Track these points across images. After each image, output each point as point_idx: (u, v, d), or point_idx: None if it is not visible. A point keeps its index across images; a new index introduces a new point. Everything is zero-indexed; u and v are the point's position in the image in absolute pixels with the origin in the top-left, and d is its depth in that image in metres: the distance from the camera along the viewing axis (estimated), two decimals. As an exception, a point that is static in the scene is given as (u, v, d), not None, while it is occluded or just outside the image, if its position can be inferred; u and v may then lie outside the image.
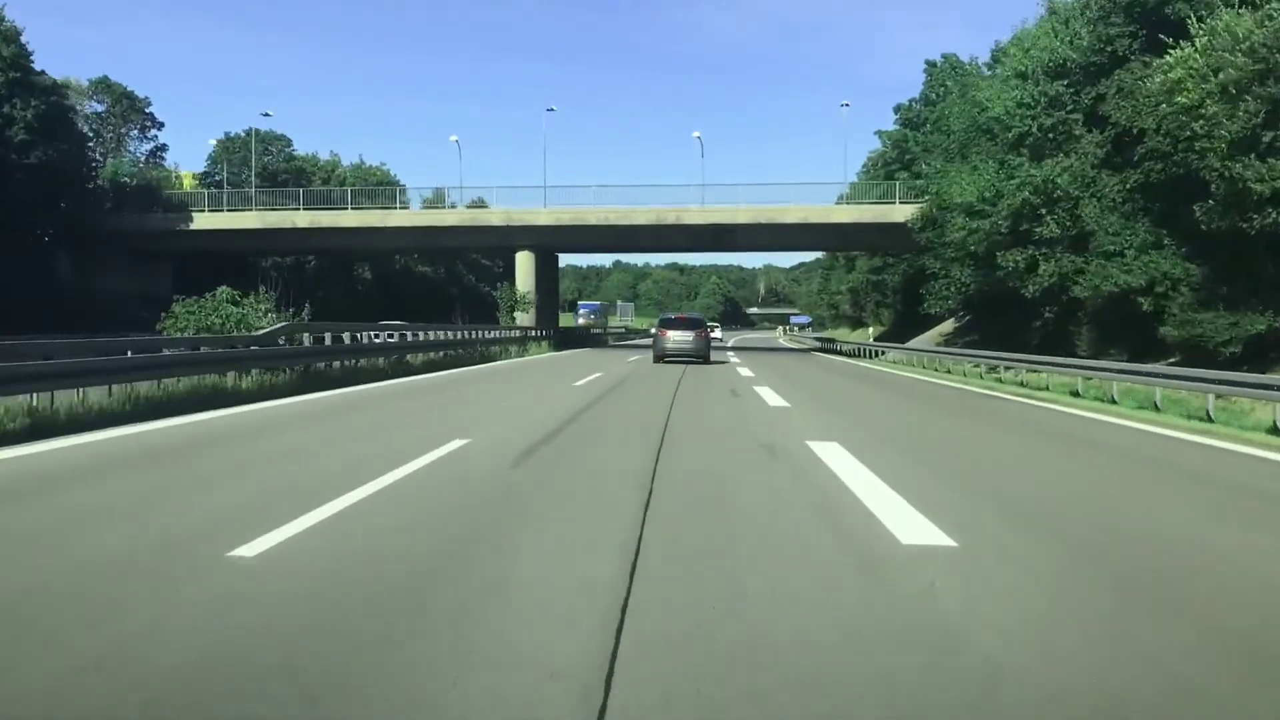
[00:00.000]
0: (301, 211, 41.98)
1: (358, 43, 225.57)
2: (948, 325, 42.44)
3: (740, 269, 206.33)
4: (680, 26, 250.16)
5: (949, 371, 27.49)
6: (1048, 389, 19.36)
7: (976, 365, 27.43)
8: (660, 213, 40.33)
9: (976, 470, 7.86)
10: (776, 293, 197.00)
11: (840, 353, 44.75)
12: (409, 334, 24.23)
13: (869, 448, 8.36)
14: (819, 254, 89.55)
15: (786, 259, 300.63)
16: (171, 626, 3.32)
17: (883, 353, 38.88)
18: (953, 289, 29.00)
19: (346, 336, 18.93)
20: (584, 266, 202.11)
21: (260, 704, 2.67)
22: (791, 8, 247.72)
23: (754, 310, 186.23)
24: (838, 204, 41.59)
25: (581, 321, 72.18)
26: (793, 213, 39.79)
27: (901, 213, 39.11)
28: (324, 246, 42.86)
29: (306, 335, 16.60)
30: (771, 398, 15.37)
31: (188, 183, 57.30)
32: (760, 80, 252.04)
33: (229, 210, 43.03)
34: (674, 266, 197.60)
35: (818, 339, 58.54)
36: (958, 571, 4.28)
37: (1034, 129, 22.54)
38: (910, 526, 5.08)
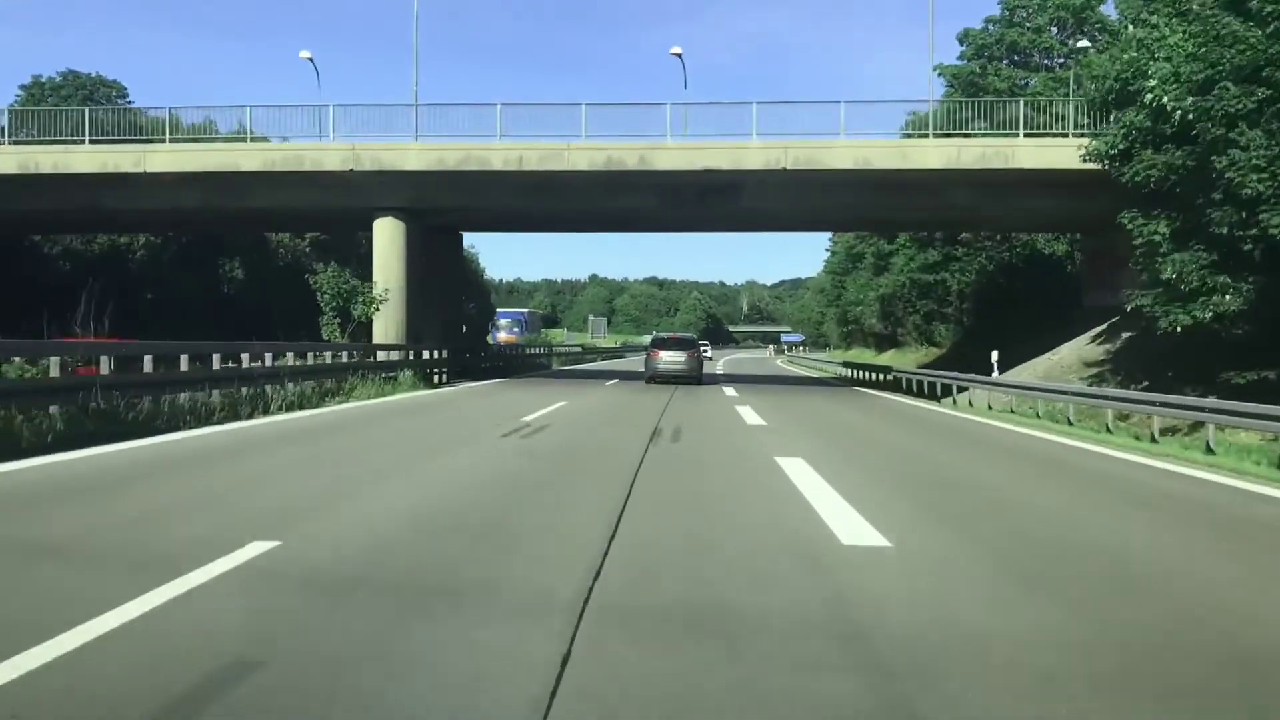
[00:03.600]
0: (4, 148, 24.76)
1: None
2: (1086, 347, 25.74)
3: (722, 285, 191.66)
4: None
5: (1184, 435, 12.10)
6: None
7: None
8: (614, 151, 23.48)
9: None
10: (760, 309, 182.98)
11: (897, 387, 27.98)
12: None
13: None
14: (825, 252, 72.80)
15: (774, 269, 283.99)
16: None
17: (962, 390, 22.76)
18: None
19: None
20: (558, 280, 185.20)
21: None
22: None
23: (737, 328, 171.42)
24: (915, 135, 24.90)
25: (502, 338, 54.62)
26: (841, 151, 23.02)
27: (1029, 153, 22.51)
28: (53, 209, 25.72)
29: None
30: None
31: None
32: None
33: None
34: (653, 280, 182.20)
35: (847, 364, 41.56)
36: None
37: None
38: None
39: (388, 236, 25.04)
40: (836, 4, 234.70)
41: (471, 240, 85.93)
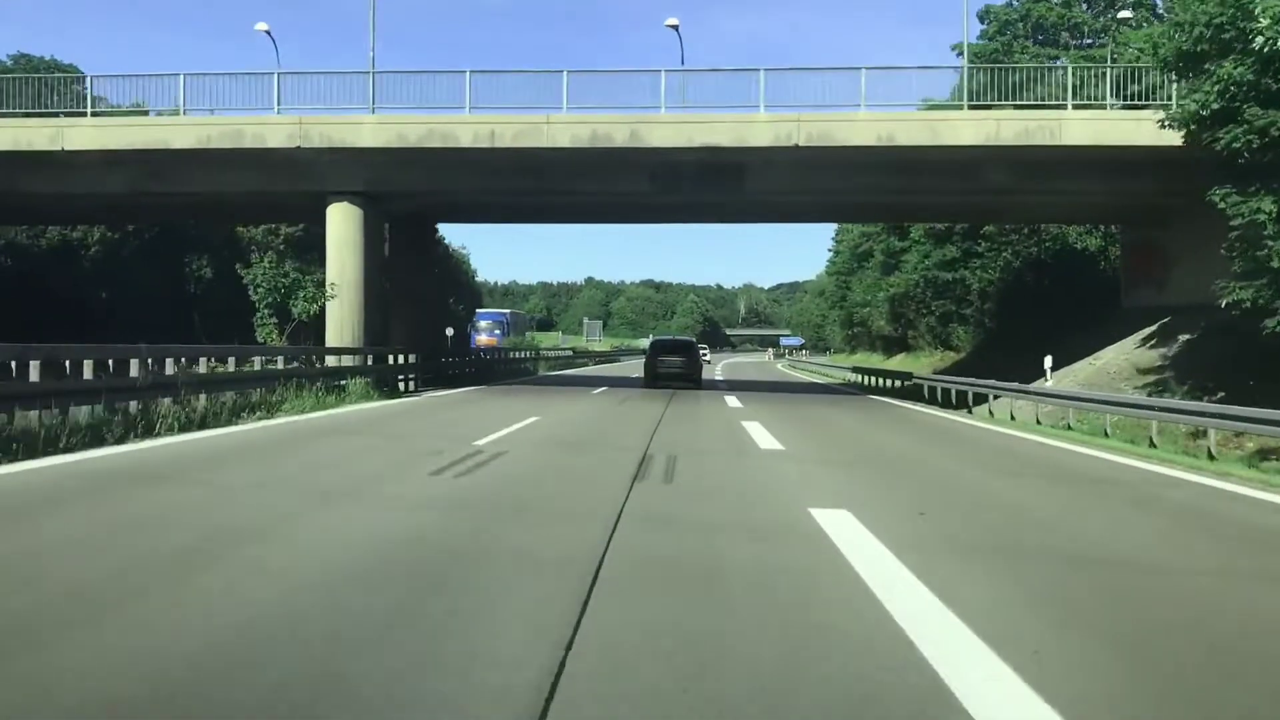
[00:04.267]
0: (-100, 121, 21.70)
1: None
2: (1135, 351, 22.73)
3: (719, 288, 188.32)
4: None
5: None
6: None
7: None
8: (600, 125, 20.42)
9: None
10: (757, 313, 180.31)
11: (915, 395, 24.99)
12: None
13: None
14: (828, 252, 69.78)
15: (772, 272, 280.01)
16: None
17: (993, 398, 20.14)
18: None
19: None
20: (554, 283, 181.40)
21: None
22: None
23: (735, 331, 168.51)
24: (941, 104, 21.92)
25: (482, 340, 51.34)
26: (861, 126, 19.98)
27: (1079, 128, 19.51)
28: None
29: None
30: None
31: None
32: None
33: None
34: (649, 283, 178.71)
35: (857, 370, 38.45)
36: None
37: None
38: None
39: (342, 225, 21.92)
40: (836, 5, 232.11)
41: (463, 241, 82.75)
